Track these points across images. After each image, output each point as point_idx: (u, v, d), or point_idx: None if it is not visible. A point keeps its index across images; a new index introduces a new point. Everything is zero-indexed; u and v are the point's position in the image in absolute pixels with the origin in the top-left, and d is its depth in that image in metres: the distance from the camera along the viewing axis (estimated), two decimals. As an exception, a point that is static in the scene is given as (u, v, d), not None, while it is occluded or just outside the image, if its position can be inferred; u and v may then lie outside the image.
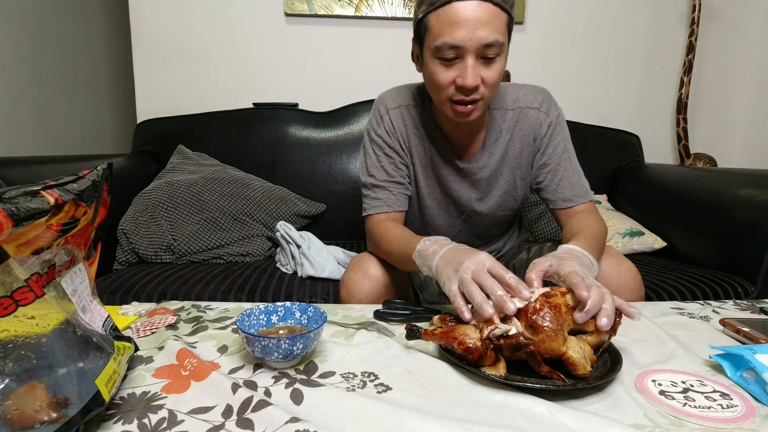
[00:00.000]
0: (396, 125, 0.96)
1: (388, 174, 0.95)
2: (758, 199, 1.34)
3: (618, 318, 0.64)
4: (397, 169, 0.96)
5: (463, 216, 1.02)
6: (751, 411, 0.51)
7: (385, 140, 0.96)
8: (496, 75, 0.80)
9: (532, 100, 0.95)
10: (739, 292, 1.28)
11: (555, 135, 0.95)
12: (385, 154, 0.96)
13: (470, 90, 0.79)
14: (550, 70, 2.00)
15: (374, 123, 0.98)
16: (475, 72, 0.78)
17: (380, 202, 0.95)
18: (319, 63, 1.92)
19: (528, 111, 0.95)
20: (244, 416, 0.49)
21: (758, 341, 0.65)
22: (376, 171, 0.96)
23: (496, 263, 0.64)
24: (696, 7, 1.93)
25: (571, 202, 0.94)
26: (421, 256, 0.76)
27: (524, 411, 0.50)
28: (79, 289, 0.52)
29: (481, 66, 0.78)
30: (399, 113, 0.96)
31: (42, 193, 0.41)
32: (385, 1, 1.86)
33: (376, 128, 0.97)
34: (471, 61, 0.77)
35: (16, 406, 0.39)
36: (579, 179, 0.96)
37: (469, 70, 0.77)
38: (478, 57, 0.77)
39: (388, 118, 0.96)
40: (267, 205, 1.56)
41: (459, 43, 0.76)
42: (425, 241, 0.77)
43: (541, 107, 0.95)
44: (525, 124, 0.96)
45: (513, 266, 1.06)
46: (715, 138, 2.14)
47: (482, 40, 0.75)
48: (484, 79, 0.79)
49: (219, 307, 0.81)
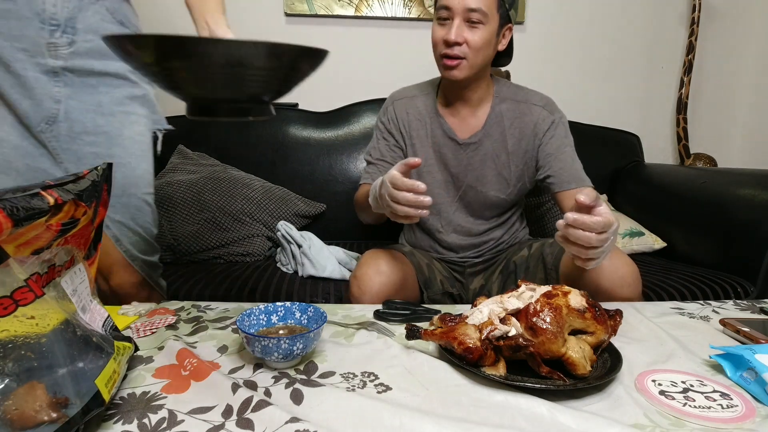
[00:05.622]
0: (398, 114, 1.11)
1: (381, 153, 1.11)
2: (758, 199, 1.34)
3: (618, 318, 0.64)
4: (390, 150, 1.11)
5: (460, 192, 1.10)
6: (751, 411, 0.51)
7: (386, 126, 1.12)
8: (479, 40, 0.94)
9: (538, 99, 1.06)
10: (739, 292, 1.28)
11: (558, 131, 1.04)
12: (383, 137, 1.12)
13: (453, 44, 0.94)
14: (550, 70, 2.00)
15: (381, 113, 1.15)
16: (459, 31, 0.94)
17: (368, 176, 1.10)
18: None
19: (533, 107, 1.05)
20: (244, 416, 0.49)
21: (758, 341, 0.65)
22: (373, 151, 1.12)
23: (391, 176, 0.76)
24: (696, 7, 1.93)
25: (576, 184, 1.00)
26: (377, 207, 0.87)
27: (524, 411, 0.50)
28: (79, 289, 0.52)
29: (466, 29, 0.94)
30: (403, 104, 1.11)
31: (42, 193, 0.41)
32: (385, 1, 1.86)
33: (381, 117, 1.14)
34: (458, 21, 0.94)
35: (16, 406, 0.39)
36: (581, 167, 1.03)
37: (455, 27, 0.94)
38: (464, 20, 0.94)
39: (392, 109, 1.12)
40: (267, 205, 1.56)
41: (449, 4, 0.93)
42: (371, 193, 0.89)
43: (546, 107, 1.05)
44: (527, 118, 1.05)
45: (514, 263, 1.08)
46: (715, 138, 2.14)
47: (467, 4, 0.92)
48: (467, 40, 0.94)
49: (219, 307, 0.81)
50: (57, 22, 0.81)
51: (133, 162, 0.91)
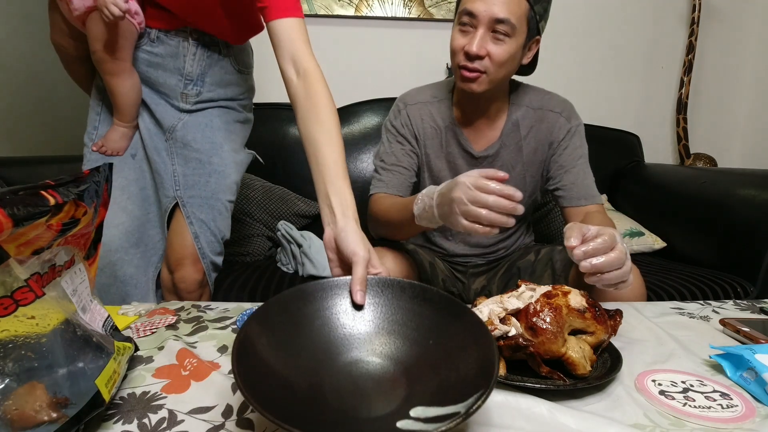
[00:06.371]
0: (413, 119, 1.02)
1: (397, 158, 1.02)
2: (758, 199, 1.34)
3: (618, 318, 0.64)
4: (406, 155, 1.02)
5: None
6: (751, 411, 0.51)
7: (399, 130, 1.03)
8: (503, 54, 0.86)
9: (555, 105, 1.00)
10: (739, 292, 1.28)
11: (573, 140, 0.99)
12: (397, 141, 1.03)
13: (474, 57, 0.86)
14: (550, 70, 2.00)
15: (392, 117, 1.06)
16: (482, 42, 0.85)
17: (382, 183, 1.01)
18: (319, 63, 1.92)
19: (549, 114, 0.99)
20: (244, 416, 0.49)
21: (758, 341, 0.65)
22: (386, 156, 1.03)
23: (476, 179, 0.68)
24: (696, 7, 1.93)
25: (586, 201, 0.97)
26: (423, 218, 0.80)
27: (524, 411, 0.50)
28: (79, 289, 0.52)
29: (490, 40, 0.85)
30: (417, 109, 1.03)
31: (42, 193, 0.41)
32: (385, 1, 1.86)
33: (392, 120, 1.05)
34: (481, 32, 0.85)
35: (16, 406, 0.39)
36: (592, 183, 0.99)
37: (477, 38, 0.85)
38: (489, 30, 0.85)
39: (405, 113, 1.03)
40: (267, 204, 1.56)
41: (474, 10, 0.84)
42: (418, 203, 0.81)
43: (563, 113, 0.99)
44: (544, 126, 0.99)
45: (518, 267, 1.07)
46: (715, 138, 2.14)
47: (494, 14, 0.83)
48: (490, 53, 0.86)
49: (219, 307, 0.81)
50: (191, 78, 1.01)
51: (227, 171, 1.04)
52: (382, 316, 0.55)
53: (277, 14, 0.83)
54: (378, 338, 0.53)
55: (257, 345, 0.48)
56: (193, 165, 1.01)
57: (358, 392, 0.47)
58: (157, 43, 0.99)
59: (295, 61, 0.81)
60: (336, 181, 0.70)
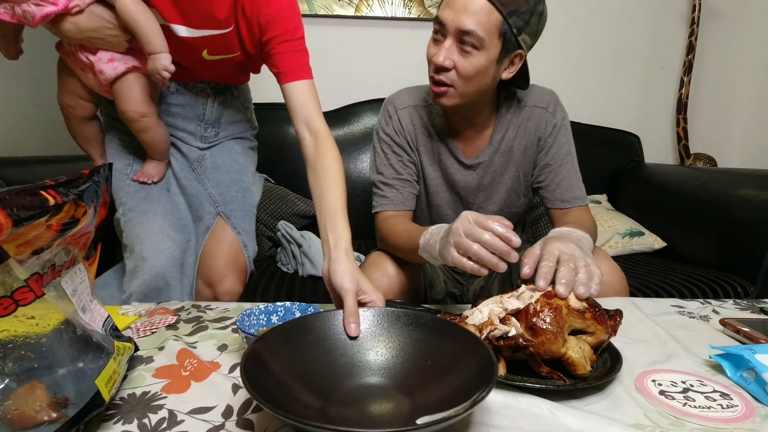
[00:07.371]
0: (404, 125, 0.98)
1: (396, 171, 0.98)
2: (758, 199, 1.34)
3: (618, 318, 0.64)
4: (405, 167, 0.98)
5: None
6: (751, 411, 0.51)
7: (393, 139, 0.98)
8: (469, 68, 0.82)
9: (539, 99, 0.97)
10: (739, 292, 1.28)
11: (559, 137, 0.96)
12: (393, 152, 0.98)
13: (440, 68, 0.83)
14: (550, 70, 2.00)
15: (383, 123, 1.00)
16: (447, 53, 0.82)
17: (387, 201, 0.97)
18: (319, 63, 1.90)
19: (535, 110, 0.96)
20: (244, 416, 0.49)
21: (758, 341, 0.65)
22: (384, 169, 0.99)
23: (479, 216, 0.66)
24: (696, 7, 1.93)
25: (569, 204, 0.95)
26: (426, 250, 0.79)
27: (524, 411, 0.50)
28: (79, 289, 0.52)
29: (457, 52, 0.82)
30: (407, 113, 0.98)
31: (42, 193, 0.41)
32: (385, 1, 1.86)
33: (384, 127, 0.99)
34: (449, 42, 0.82)
35: (16, 406, 0.39)
36: (578, 183, 0.97)
37: (444, 49, 0.82)
38: (456, 41, 0.81)
39: (397, 118, 0.98)
40: (267, 204, 1.56)
41: (443, 19, 0.81)
42: (425, 234, 0.79)
43: (548, 107, 0.96)
44: (531, 123, 0.96)
45: (517, 266, 1.06)
46: (715, 138, 2.14)
47: (460, 25, 0.79)
48: (456, 65, 0.82)
49: (219, 307, 0.81)
50: (210, 122, 1.10)
51: (253, 189, 1.15)
52: (380, 344, 0.58)
53: (290, 78, 0.92)
54: (378, 364, 0.56)
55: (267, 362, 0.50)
56: (227, 183, 1.10)
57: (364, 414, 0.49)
58: (177, 95, 1.06)
59: (308, 123, 0.90)
60: (335, 220, 0.76)
